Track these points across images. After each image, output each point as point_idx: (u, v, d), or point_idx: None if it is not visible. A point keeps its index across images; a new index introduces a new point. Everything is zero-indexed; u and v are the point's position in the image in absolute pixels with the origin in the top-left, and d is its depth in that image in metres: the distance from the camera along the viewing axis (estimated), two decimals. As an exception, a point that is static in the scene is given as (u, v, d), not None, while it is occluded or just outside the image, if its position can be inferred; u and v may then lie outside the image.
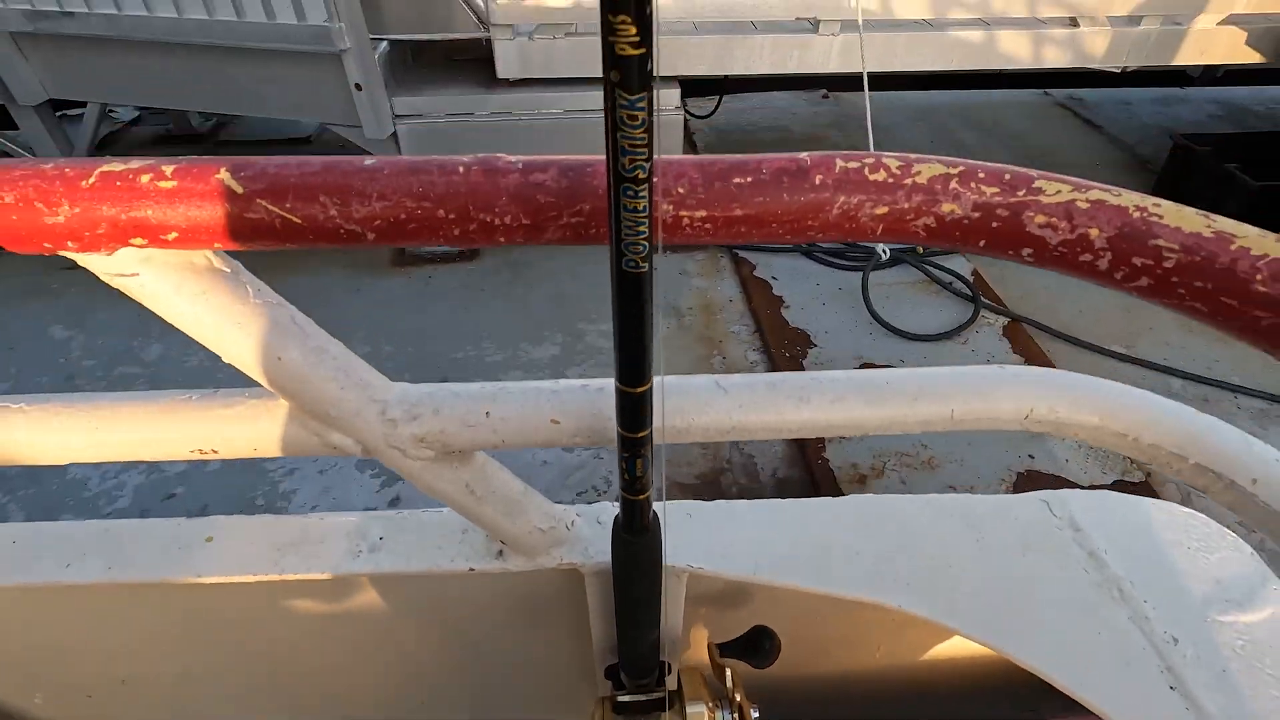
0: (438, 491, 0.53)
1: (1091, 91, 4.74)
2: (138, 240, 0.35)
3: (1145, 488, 2.05)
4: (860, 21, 2.51)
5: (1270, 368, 2.49)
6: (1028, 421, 0.51)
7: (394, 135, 2.84)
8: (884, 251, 2.66)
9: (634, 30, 0.23)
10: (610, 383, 0.44)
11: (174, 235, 0.34)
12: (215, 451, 0.47)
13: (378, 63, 2.66)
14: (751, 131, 4.20)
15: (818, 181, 0.34)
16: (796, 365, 2.47)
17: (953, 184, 0.34)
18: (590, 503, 0.82)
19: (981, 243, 0.34)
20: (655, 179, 0.28)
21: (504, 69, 2.73)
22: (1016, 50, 2.81)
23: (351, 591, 0.75)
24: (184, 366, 2.52)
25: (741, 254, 3.07)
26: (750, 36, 2.73)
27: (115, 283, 0.39)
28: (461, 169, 0.33)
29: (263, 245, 0.35)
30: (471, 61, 2.99)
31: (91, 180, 0.33)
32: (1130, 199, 0.32)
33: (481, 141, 2.89)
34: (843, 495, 2.31)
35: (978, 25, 2.75)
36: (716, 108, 4.14)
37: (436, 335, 2.65)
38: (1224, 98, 4.77)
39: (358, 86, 2.64)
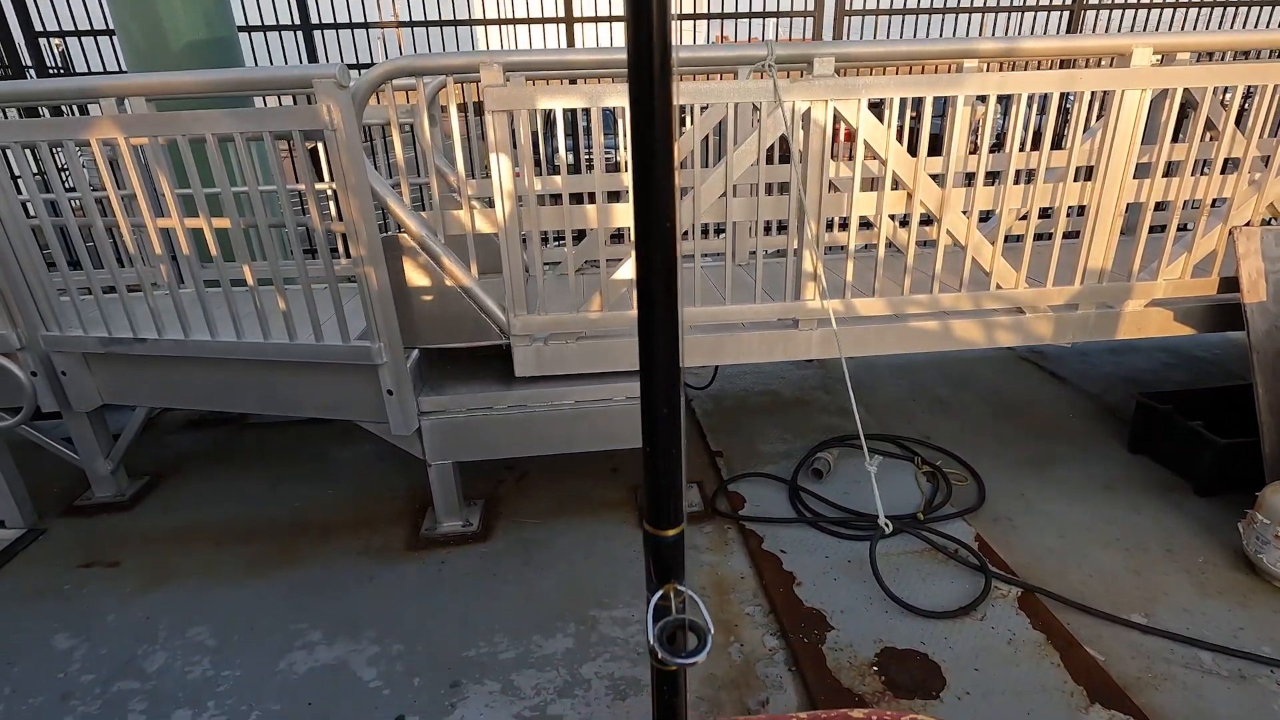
0: None
1: (1050, 346, 5.22)
2: None
3: None
4: (834, 320, 2.88)
5: (1298, 633, 2.44)
6: None
7: (419, 430, 3.08)
8: (886, 525, 2.75)
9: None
10: None
11: None
12: None
13: (408, 369, 2.98)
14: (745, 397, 4.53)
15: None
16: (816, 651, 2.42)
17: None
18: None
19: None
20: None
21: (521, 370, 3.06)
22: (972, 335, 3.18)
23: None
24: (186, 678, 2.44)
25: (749, 526, 3.15)
26: (739, 333, 3.10)
27: None
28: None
29: None
30: (490, 359, 3.35)
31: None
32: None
33: (499, 432, 3.13)
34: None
35: (935, 317, 3.15)
36: (713, 379, 4.52)
37: (448, 630, 2.62)
38: (1171, 345, 5.24)
39: (389, 392, 2.94)
